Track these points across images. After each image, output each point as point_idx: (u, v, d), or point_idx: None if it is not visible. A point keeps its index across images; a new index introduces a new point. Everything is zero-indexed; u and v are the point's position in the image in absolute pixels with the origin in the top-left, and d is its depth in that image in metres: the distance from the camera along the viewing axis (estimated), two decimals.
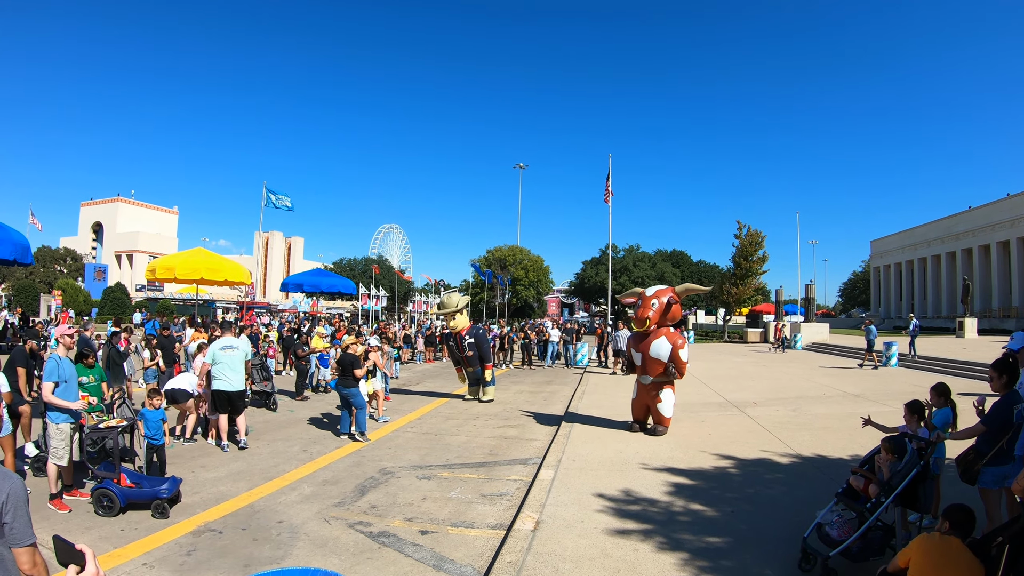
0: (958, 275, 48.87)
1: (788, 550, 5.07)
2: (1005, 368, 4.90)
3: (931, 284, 56.20)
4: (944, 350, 23.86)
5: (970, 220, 50.04)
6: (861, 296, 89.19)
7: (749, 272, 45.40)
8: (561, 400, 14.78)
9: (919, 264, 58.45)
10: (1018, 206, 43.66)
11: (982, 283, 47.54)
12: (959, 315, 37.05)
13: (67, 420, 6.63)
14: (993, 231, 46.46)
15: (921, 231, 58.19)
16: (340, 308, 77.50)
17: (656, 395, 9.89)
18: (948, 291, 52.48)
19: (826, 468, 7.88)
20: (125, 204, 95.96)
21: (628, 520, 5.88)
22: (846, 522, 4.69)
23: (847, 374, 19.38)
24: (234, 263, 20.69)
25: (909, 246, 59.95)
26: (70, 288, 50.64)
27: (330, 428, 10.93)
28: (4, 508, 2.26)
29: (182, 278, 17.72)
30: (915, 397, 5.89)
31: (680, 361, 9.68)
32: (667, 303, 9.80)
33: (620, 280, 63.41)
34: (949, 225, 53.32)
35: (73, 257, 78.76)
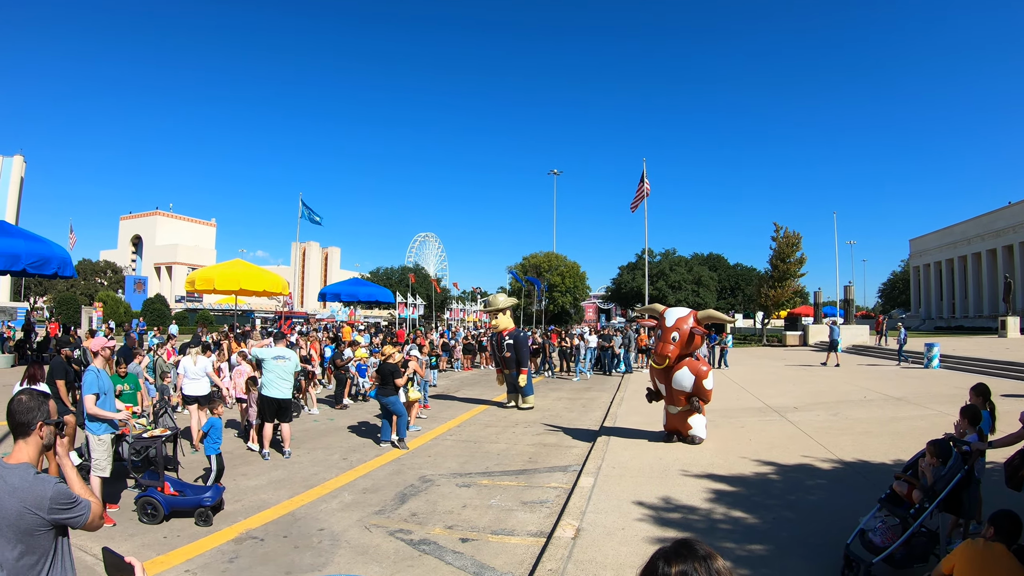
0: (999, 273, 47.41)
1: (830, 557, 5.03)
2: None
3: (972, 283, 54.62)
4: (986, 350, 23.22)
5: (1010, 216, 48.59)
6: (901, 296, 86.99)
7: (787, 274, 44.68)
8: (600, 407, 14.74)
9: (959, 262, 56.88)
10: None
11: None
12: (1001, 314, 35.96)
13: (108, 431, 6.79)
14: None
15: (960, 228, 56.65)
16: (377, 317, 78.44)
17: (686, 422, 9.68)
18: (989, 289, 50.94)
19: (868, 473, 7.77)
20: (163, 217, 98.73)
21: (669, 528, 5.89)
22: (889, 528, 4.64)
23: (888, 376, 18.98)
24: (272, 274, 21.16)
25: (948, 244, 58.39)
26: (111, 300, 52.16)
27: (370, 436, 11.09)
28: (52, 511, 2.46)
29: (221, 289, 18.20)
30: (954, 400, 5.80)
31: (704, 391, 9.41)
32: (689, 333, 9.36)
33: (657, 285, 62.96)
34: (989, 221, 51.81)
35: (113, 270, 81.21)
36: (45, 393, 2.87)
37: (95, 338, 8.04)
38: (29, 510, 2.43)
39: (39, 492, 2.47)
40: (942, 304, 59.94)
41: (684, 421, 9.69)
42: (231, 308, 56.24)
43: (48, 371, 8.81)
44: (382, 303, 32.37)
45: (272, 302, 58.76)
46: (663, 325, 9.59)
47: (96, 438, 6.68)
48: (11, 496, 2.44)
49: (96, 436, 6.68)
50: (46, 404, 2.71)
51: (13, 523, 2.42)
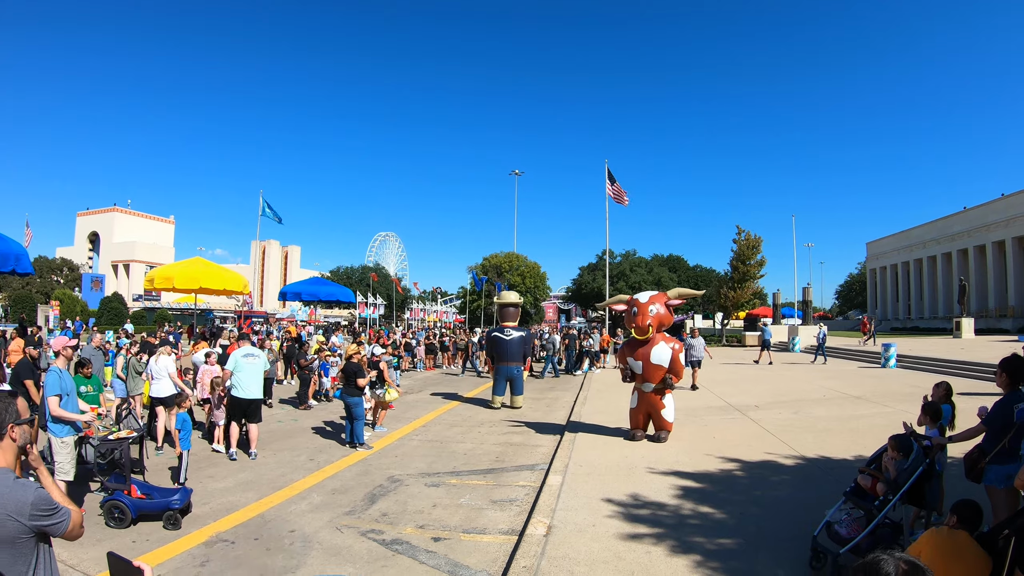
0: (954, 276, 49.11)
1: (797, 550, 5.15)
2: (1008, 367, 5.01)
3: (927, 285, 56.46)
4: (942, 350, 24.02)
5: (965, 221, 50.37)
6: (858, 298, 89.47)
7: (747, 276, 45.58)
8: (564, 406, 14.82)
9: (915, 265, 58.73)
10: (1013, 206, 44.00)
11: (978, 283, 47.75)
12: (956, 315, 37.20)
13: (71, 433, 6.59)
14: (989, 231, 46.77)
15: (917, 232, 58.51)
16: (338, 316, 77.55)
17: (659, 400, 9.85)
18: (944, 292, 52.72)
19: (830, 469, 7.96)
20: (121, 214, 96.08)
21: (639, 524, 5.95)
22: (855, 520, 4.77)
23: (846, 375, 19.50)
24: (232, 272, 20.72)
25: (905, 247, 60.26)
26: (67, 298, 50.63)
27: (335, 437, 10.96)
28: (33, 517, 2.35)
29: (181, 288, 17.74)
30: (911, 398, 6.01)
31: (679, 365, 9.73)
32: (657, 309, 9.74)
33: (617, 285, 63.49)
34: (944, 226, 53.64)
35: (70, 267, 78.76)
36: (12, 392, 2.72)
37: (57, 337, 7.76)
38: (11, 517, 2.33)
39: (19, 498, 2.37)
40: (898, 306, 61.81)
41: (659, 400, 9.81)
42: (190, 307, 55.13)
43: (13, 372, 8.50)
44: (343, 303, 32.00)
45: (231, 301, 57.56)
46: (638, 303, 9.86)
47: (59, 440, 6.50)
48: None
49: (59, 439, 6.50)
50: (14, 403, 2.58)
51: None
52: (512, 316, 15.57)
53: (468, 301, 74.20)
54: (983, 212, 47.99)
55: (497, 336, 15.10)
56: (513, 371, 14.63)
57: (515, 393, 14.70)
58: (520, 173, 62.99)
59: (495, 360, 15.04)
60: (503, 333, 15.01)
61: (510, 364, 14.69)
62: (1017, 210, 43.25)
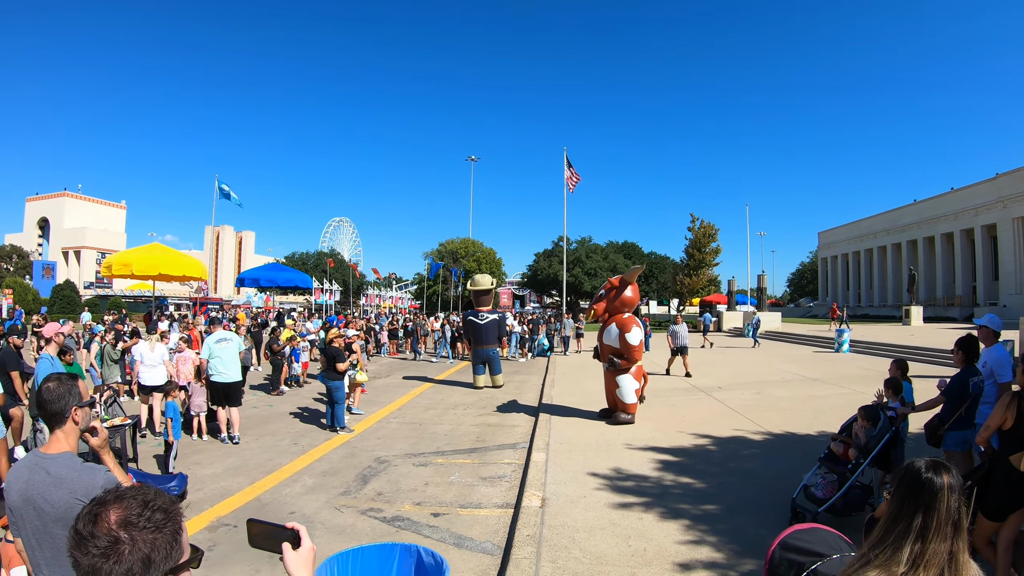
0: (903, 265, 51.10)
1: (776, 513, 5.59)
2: (963, 345, 5.54)
3: (877, 274, 58.58)
4: (893, 336, 25.23)
5: (915, 213, 52.45)
6: (809, 286, 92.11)
7: (702, 263, 46.89)
8: (532, 389, 15.18)
9: (865, 255, 60.83)
10: (961, 200, 46.04)
11: (927, 273, 49.87)
12: (905, 304, 38.83)
13: None
14: (938, 223, 48.84)
15: (868, 223, 60.57)
16: (293, 303, 76.42)
17: (614, 381, 10.15)
18: (894, 281, 54.83)
19: (796, 444, 8.48)
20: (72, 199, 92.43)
21: (626, 495, 6.31)
22: (829, 483, 5.23)
23: (802, 359, 20.34)
24: (192, 258, 20.34)
25: (856, 237, 62.32)
26: (18, 287, 48.66)
27: (313, 421, 11.05)
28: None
29: (139, 274, 17.39)
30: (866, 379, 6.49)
31: (627, 344, 9.94)
32: (608, 292, 10.33)
33: (573, 271, 64.17)
34: (895, 217, 55.72)
35: (20, 255, 75.81)
36: (72, 375, 2.72)
37: (47, 324, 7.68)
38: (80, 501, 2.27)
39: (89, 481, 2.35)
40: (848, 294, 63.99)
41: (613, 379, 10.16)
42: (143, 294, 53.71)
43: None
44: (301, 288, 31.67)
45: (186, 288, 56.25)
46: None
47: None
48: (58, 488, 2.32)
49: None
50: (76, 386, 2.58)
51: (61, 516, 2.28)
52: (486, 301, 16.04)
53: (425, 287, 74.02)
54: (933, 205, 50.05)
55: (472, 320, 15.54)
56: (490, 353, 15.16)
57: (494, 373, 15.23)
58: (476, 159, 63.08)
59: (472, 343, 15.54)
60: (478, 317, 15.46)
61: (486, 347, 15.19)
62: (965, 204, 45.27)
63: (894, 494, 1.80)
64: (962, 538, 1.71)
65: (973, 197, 44.56)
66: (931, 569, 1.66)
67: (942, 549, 1.68)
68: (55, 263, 75.41)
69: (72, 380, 2.60)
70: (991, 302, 40.76)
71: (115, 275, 17.59)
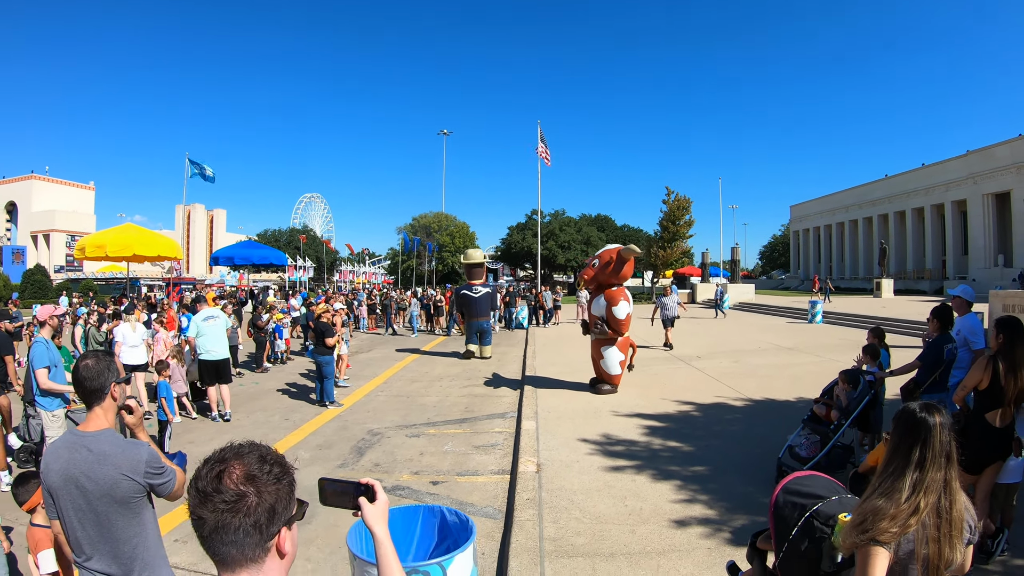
0: (875, 239, 52.01)
1: (762, 473, 5.88)
2: (939, 315, 5.86)
3: (848, 247, 59.57)
4: (864, 308, 25.95)
5: (887, 188, 53.32)
6: (780, 259, 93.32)
7: (676, 236, 47.33)
8: (514, 360, 15.39)
9: (837, 228, 61.75)
10: (932, 175, 46.94)
11: (897, 247, 50.82)
12: (876, 276, 39.65)
13: (61, 405, 6.44)
14: (908, 198, 49.75)
15: (839, 197, 61.41)
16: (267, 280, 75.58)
17: (599, 352, 10.35)
18: (865, 254, 55.89)
19: (776, 409, 8.82)
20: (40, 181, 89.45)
21: (618, 459, 6.56)
22: (812, 443, 5.53)
23: (777, 329, 20.86)
24: (165, 238, 20.07)
25: (828, 211, 63.17)
26: None
27: (302, 397, 11.13)
28: (148, 475, 2.40)
29: (113, 255, 17.15)
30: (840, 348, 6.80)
31: (615, 319, 10.01)
32: (598, 263, 10.33)
33: (547, 245, 64.14)
34: (866, 192, 56.57)
35: None
36: (108, 352, 2.81)
37: (42, 306, 7.53)
38: (126, 476, 2.34)
39: (134, 456, 2.39)
40: (820, 266, 64.92)
41: (597, 349, 10.37)
42: (115, 276, 52.72)
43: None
44: (276, 265, 31.43)
45: (157, 269, 55.39)
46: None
47: (50, 414, 6.34)
48: (102, 464, 2.33)
49: (50, 412, 6.34)
50: (113, 363, 2.60)
51: (107, 492, 2.32)
52: (479, 274, 16.46)
53: (400, 262, 73.64)
54: (904, 180, 50.91)
55: (466, 294, 15.84)
56: (483, 324, 15.58)
57: (484, 344, 15.57)
58: (448, 133, 62.96)
59: (465, 316, 15.93)
60: (471, 291, 15.77)
61: (480, 319, 15.57)
62: (936, 180, 46.14)
63: (894, 433, 2.06)
64: (954, 468, 1.98)
65: (944, 173, 45.41)
66: (931, 495, 1.92)
67: (938, 477, 1.94)
68: (24, 247, 73.59)
69: (109, 356, 2.62)
70: (960, 276, 41.76)
71: (88, 257, 17.31)
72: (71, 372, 2.58)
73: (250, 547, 1.17)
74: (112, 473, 2.31)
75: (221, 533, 1.15)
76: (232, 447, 1.25)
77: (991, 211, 40.81)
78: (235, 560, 1.17)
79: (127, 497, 2.34)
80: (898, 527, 1.90)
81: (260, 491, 1.18)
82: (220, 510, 1.15)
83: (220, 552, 1.17)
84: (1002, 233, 40.32)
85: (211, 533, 1.16)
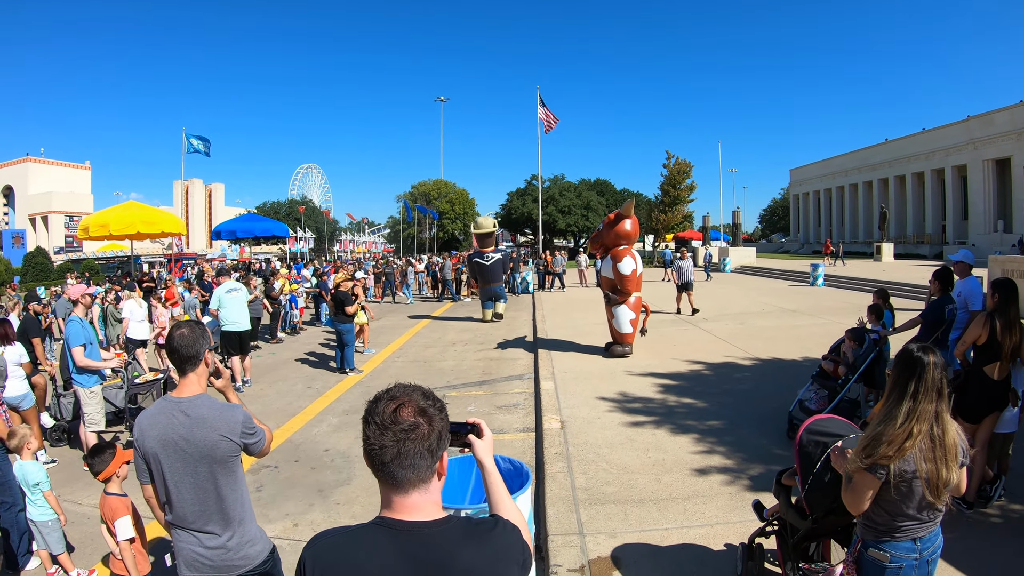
0: (875, 203, 51.95)
1: (773, 426, 6.27)
2: (940, 276, 6.21)
3: (848, 211, 59.47)
4: (865, 271, 26.29)
5: (887, 152, 53.08)
6: (780, 222, 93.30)
7: (677, 200, 47.53)
8: (524, 325, 15.69)
9: (837, 192, 61.56)
10: (933, 140, 46.71)
11: (897, 211, 50.75)
12: (876, 240, 39.79)
13: (98, 382, 6.54)
14: (908, 163, 49.59)
15: (839, 161, 61.10)
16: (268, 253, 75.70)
17: (612, 312, 10.54)
18: (865, 218, 55.88)
19: (783, 368, 9.18)
20: (35, 164, 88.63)
21: (636, 415, 6.93)
22: (820, 398, 5.89)
23: (779, 292, 21.18)
24: (169, 214, 20.04)
25: (828, 175, 62.89)
26: None
27: (321, 365, 11.44)
28: (244, 435, 2.55)
29: (117, 233, 17.22)
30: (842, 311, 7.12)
31: (619, 274, 10.17)
32: (601, 228, 10.71)
33: (547, 210, 64.13)
34: (866, 156, 56.26)
35: None
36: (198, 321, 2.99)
37: (74, 286, 7.75)
38: (225, 437, 2.48)
39: (232, 418, 2.53)
40: (820, 230, 65.00)
41: (610, 309, 10.60)
42: (116, 255, 52.76)
43: (20, 328, 8.22)
44: (278, 237, 31.51)
45: (157, 246, 55.38)
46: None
47: (87, 391, 6.41)
48: (201, 427, 2.47)
49: (87, 389, 6.42)
50: (206, 331, 2.76)
51: (207, 454, 2.46)
52: (490, 242, 17.04)
53: (401, 230, 73.67)
54: (905, 144, 50.66)
55: (478, 262, 16.48)
56: (497, 289, 16.37)
57: (498, 301, 16.45)
58: (445, 99, 62.59)
59: (480, 282, 16.61)
60: (483, 258, 16.36)
61: (494, 284, 16.36)
62: (936, 145, 45.96)
63: (894, 369, 2.47)
64: (944, 402, 2.36)
65: (944, 138, 45.23)
66: (923, 423, 2.31)
67: (930, 409, 2.33)
68: (23, 231, 73.48)
69: (200, 325, 2.75)
70: (960, 241, 41.85)
71: (92, 237, 17.32)
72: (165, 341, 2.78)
73: (424, 469, 1.35)
74: (211, 435, 2.45)
75: (401, 458, 1.32)
76: (396, 387, 1.43)
77: (991, 177, 40.81)
78: (411, 482, 1.34)
79: (225, 457, 2.49)
80: (894, 451, 2.27)
81: (431, 419, 1.37)
82: (400, 438, 1.32)
83: (398, 475, 1.33)
84: (1002, 199, 40.39)
85: (392, 459, 1.32)
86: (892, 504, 2.33)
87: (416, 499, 1.36)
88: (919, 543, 2.38)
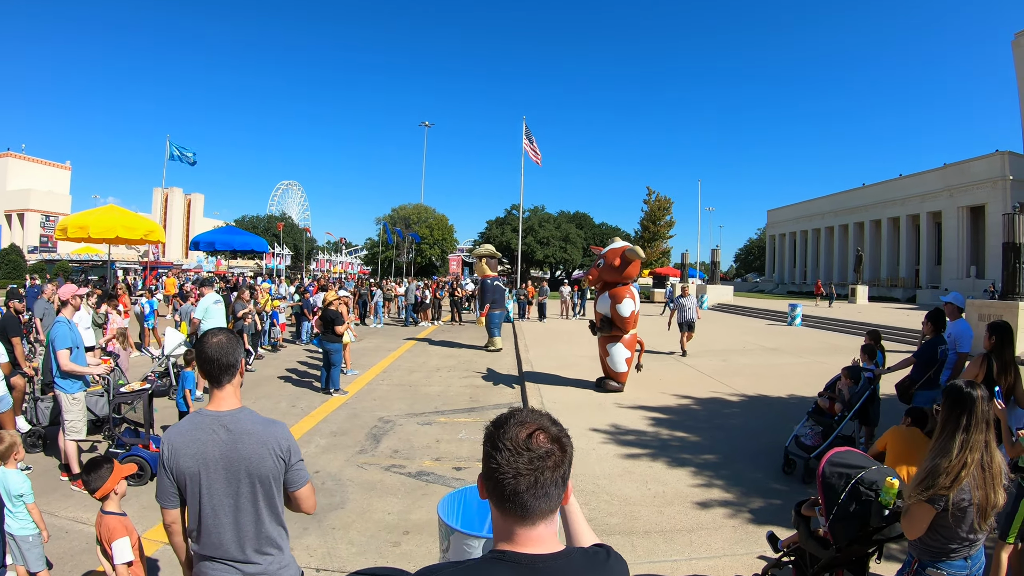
0: (850, 246, 53.44)
1: (767, 461, 6.33)
2: (933, 318, 6.41)
3: (824, 253, 60.84)
4: (841, 312, 26.92)
5: (864, 196, 54.73)
6: (756, 262, 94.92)
7: (657, 235, 48.13)
8: (507, 354, 15.63)
9: (813, 234, 62.94)
10: (909, 186, 48.40)
11: (872, 254, 52.13)
12: (851, 283, 40.69)
13: (81, 388, 6.15)
14: (885, 207, 51.15)
15: (817, 204, 62.65)
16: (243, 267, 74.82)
17: (606, 349, 10.50)
18: (840, 260, 57.28)
19: (770, 404, 9.30)
20: (15, 159, 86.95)
21: (631, 447, 6.94)
22: (816, 434, 5.99)
23: (759, 331, 21.48)
24: (150, 221, 19.75)
25: (804, 217, 64.27)
26: None
27: (303, 384, 11.27)
28: (291, 453, 2.36)
29: (97, 237, 16.91)
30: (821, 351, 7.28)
31: (620, 317, 10.14)
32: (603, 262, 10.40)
33: (526, 240, 64.42)
34: (844, 200, 57.87)
35: None
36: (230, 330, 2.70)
37: (65, 285, 7.44)
38: (273, 453, 2.29)
39: (279, 434, 2.34)
40: (795, 271, 66.29)
41: (604, 346, 10.53)
42: (91, 259, 51.72)
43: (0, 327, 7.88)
44: (256, 252, 31.18)
45: (133, 252, 54.43)
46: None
47: (70, 397, 6.01)
48: (246, 442, 2.28)
49: (70, 395, 6.01)
50: (240, 338, 2.61)
51: (253, 472, 2.26)
52: (495, 267, 17.13)
53: (379, 252, 73.41)
54: (882, 189, 52.35)
55: (499, 285, 16.72)
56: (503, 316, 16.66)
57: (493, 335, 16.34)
58: (430, 125, 63.06)
59: (492, 306, 16.40)
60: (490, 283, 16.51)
61: (501, 310, 16.50)
62: (913, 191, 47.57)
63: (944, 405, 2.62)
64: (991, 432, 2.53)
65: (921, 184, 46.82)
66: (975, 452, 2.47)
67: (980, 439, 2.49)
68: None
69: (233, 332, 2.57)
70: (933, 285, 43.06)
71: (70, 238, 16.98)
72: (196, 350, 2.53)
73: (556, 498, 1.28)
74: (259, 450, 2.26)
75: (537, 488, 1.23)
76: (519, 411, 1.37)
77: (965, 223, 42.18)
78: (541, 512, 1.25)
79: (271, 475, 2.29)
80: (951, 481, 2.42)
81: (564, 448, 1.31)
82: (537, 467, 1.24)
83: (531, 506, 1.23)
84: (975, 245, 41.72)
85: (527, 488, 1.23)
86: (947, 529, 2.49)
87: (542, 531, 1.28)
88: (970, 560, 2.57)
